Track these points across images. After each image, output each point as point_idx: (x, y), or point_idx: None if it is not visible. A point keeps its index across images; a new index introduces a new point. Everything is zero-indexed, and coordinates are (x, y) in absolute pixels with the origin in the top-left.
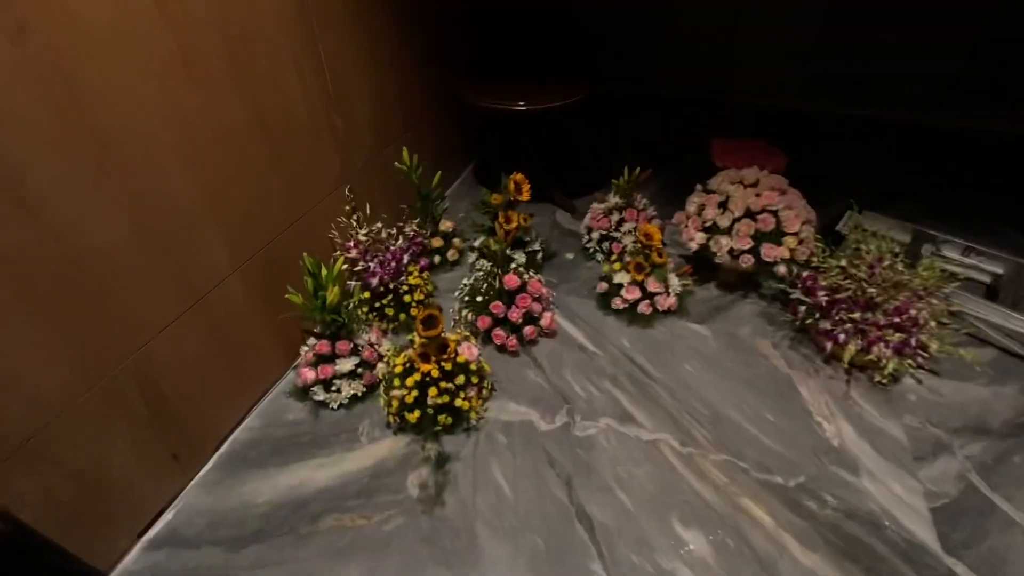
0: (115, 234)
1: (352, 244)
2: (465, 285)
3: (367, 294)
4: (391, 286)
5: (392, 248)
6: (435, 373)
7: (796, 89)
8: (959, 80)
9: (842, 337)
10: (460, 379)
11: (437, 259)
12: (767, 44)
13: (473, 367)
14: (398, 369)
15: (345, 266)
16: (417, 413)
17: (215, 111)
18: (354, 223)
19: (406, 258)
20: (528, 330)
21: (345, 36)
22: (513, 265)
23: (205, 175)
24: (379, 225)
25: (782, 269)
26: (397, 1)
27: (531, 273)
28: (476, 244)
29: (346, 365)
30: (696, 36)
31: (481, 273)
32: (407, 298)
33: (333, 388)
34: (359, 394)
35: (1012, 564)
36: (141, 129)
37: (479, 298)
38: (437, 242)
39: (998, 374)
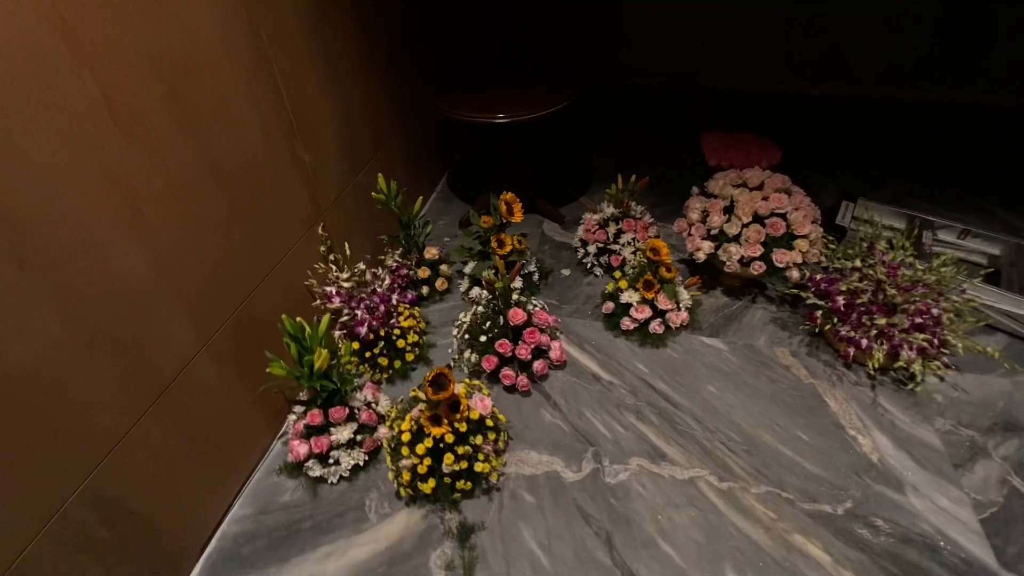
0: (46, 340)
1: (334, 292)
2: (462, 322)
3: (356, 344)
4: (382, 332)
5: (379, 290)
6: (449, 438)
7: (769, 71)
8: (926, 53)
9: (864, 342)
10: (477, 439)
11: (425, 290)
12: (738, 26)
13: (489, 422)
14: (405, 436)
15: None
16: (432, 482)
17: (158, 163)
18: (333, 268)
19: (395, 298)
20: (538, 365)
21: (303, 55)
22: (515, 296)
23: (155, 243)
24: (362, 266)
25: (795, 274)
26: (357, 11)
27: (534, 301)
28: (466, 270)
29: (343, 434)
30: (669, 21)
31: (480, 308)
32: (401, 343)
33: (330, 461)
34: (361, 463)
35: None
36: (66, 202)
37: (482, 337)
38: (424, 272)
39: (1014, 362)
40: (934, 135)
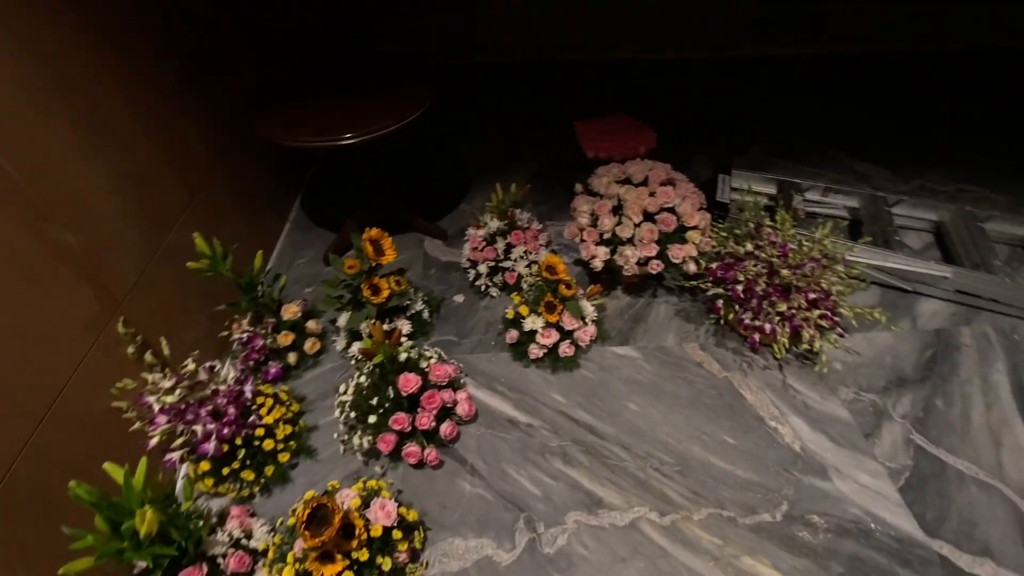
0: None
1: (157, 411)
2: (344, 401)
3: (206, 465)
4: (239, 440)
5: (224, 387)
6: None
7: (625, 38)
8: (765, 9)
9: (768, 327)
10: (386, 564)
11: (293, 358)
12: None
13: (397, 533)
14: None
15: (155, 440)
16: None
17: None
18: (149, 377)
19: (247, 390)
20: (445, 429)
21: (24, 101)
22: (403, 356)
23: None
24: (191, 365)
25: (692, 267)
26: (113, 10)
27: (427, 351)
28: (340, 323)
29: None
30: None
31: (362, 378)
32: (268, 443)
33: None
34: None
35: (981, 526)
36: None
37: (372, 417)
38: (286, 338)
39: (889, 312)
40: (784, 89)
